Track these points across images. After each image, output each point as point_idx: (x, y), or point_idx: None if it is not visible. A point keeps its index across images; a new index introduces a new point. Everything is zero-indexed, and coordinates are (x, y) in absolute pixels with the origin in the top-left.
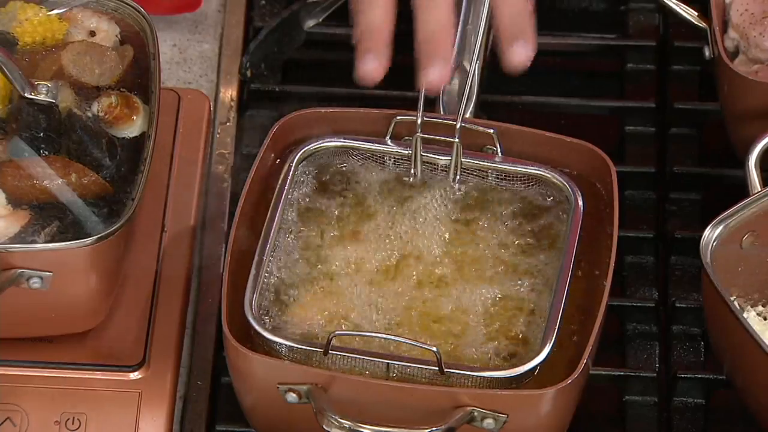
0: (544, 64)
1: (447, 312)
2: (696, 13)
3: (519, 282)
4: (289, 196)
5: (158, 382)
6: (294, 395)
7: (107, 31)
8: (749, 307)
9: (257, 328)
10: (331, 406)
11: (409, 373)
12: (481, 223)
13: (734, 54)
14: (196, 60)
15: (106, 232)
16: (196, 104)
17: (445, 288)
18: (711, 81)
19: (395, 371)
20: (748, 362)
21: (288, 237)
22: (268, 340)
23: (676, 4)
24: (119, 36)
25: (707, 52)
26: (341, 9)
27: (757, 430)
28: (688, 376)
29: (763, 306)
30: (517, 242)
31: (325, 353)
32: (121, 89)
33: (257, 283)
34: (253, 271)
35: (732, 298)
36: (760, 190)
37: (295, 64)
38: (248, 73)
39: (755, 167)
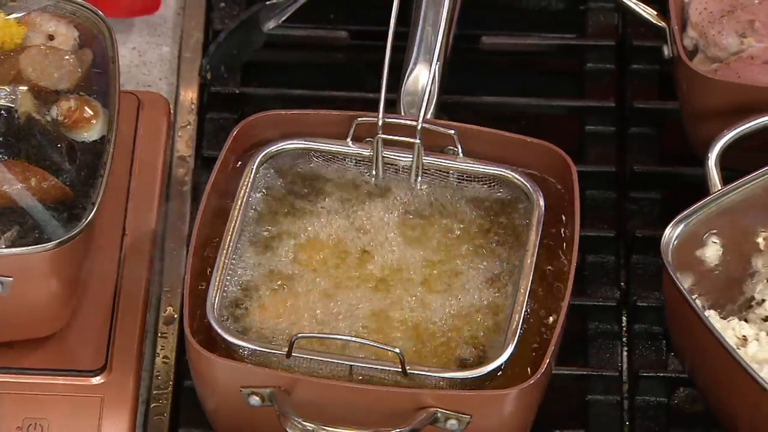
0: (503, 64)
1: (409, 313)
2: (655, 13)
3: (480, 282)
4: (251, 199)
5: (120, 386)
6: (257, 398)
7: (66, 35)
8: (709, 305)
9: (219, 331)
10: (294, 409)
11: (372, 374)
12: (442, 224)
13: (693, 53)
14: (155, 63)
15: (66, 237)
16: (156, 107)
17: (408, 289)
18: (670, 80)
19: (358, 373)
20: (709, 360)
21: (249, 240)
22: (230, 343)
23: (635, 4)
24: (78, 40)
25: (666, 52)
26: (301, 10)
27: (718, 428)
28: (650, 374)
29: (723, 305)
30: (478, 242)
31: (288, 356)
32: (81, 93)
33: (219, 286)
34: (215, 274)
35: (693, 297)
36: (719, 188)
37: (255, 66)
38: (208, 76)
39: (715, 166)
